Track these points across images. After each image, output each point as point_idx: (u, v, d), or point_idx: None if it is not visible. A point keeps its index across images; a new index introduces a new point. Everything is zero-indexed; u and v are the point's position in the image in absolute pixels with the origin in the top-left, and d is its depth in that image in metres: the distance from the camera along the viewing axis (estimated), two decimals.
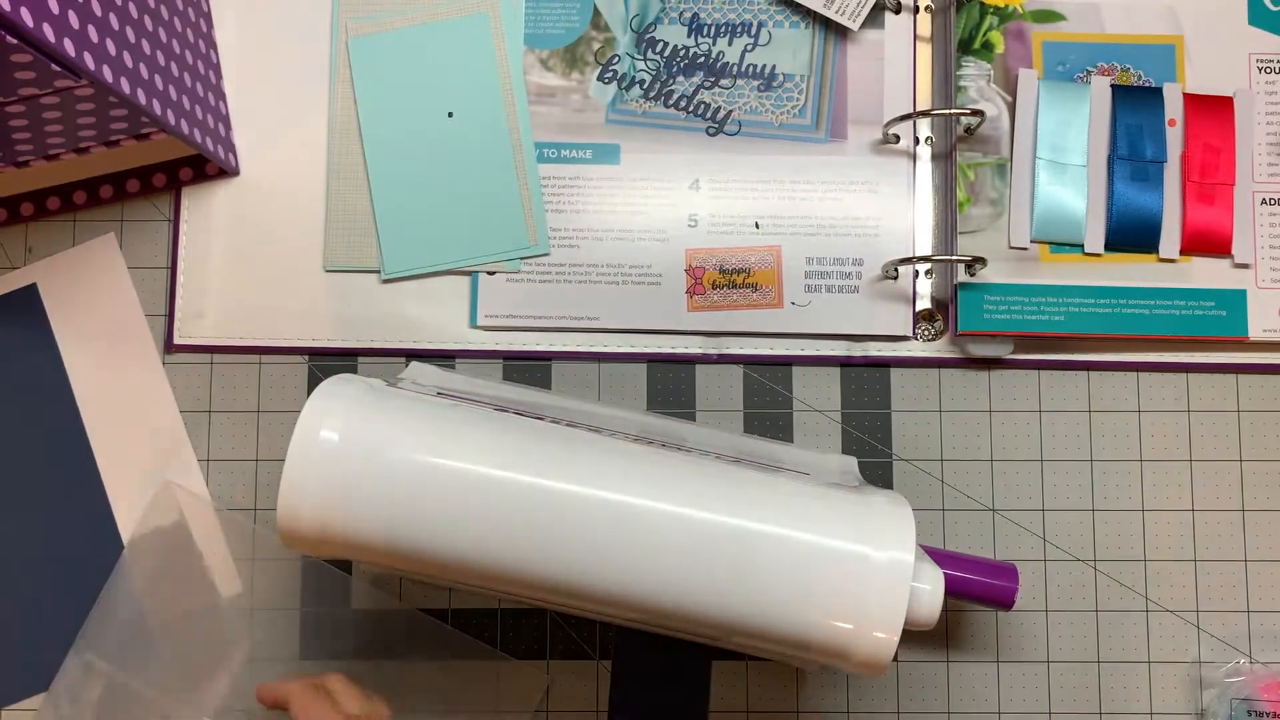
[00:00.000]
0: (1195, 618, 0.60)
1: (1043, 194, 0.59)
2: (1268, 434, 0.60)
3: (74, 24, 0.45)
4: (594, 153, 0.62)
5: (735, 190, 0.61)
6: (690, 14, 0.62)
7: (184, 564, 0.60)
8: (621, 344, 0.61)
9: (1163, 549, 0.60)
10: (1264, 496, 0.60)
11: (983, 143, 0.60)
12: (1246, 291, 0.59)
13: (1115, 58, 0.61)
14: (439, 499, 0.44)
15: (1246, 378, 0.61)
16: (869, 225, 0.61)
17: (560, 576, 0.44)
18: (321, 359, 0.61)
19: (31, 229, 0.62)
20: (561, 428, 0.48)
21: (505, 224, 0.61)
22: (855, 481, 0.52)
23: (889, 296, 0.60)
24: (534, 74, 0.62)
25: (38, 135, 0.53)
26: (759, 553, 0.44)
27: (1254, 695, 0.58)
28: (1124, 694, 0.59)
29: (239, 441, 0.61)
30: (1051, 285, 0.59)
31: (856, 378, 0.61)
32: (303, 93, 0.62)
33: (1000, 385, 0.61)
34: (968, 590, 0.54)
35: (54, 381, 0.61)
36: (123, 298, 0.62)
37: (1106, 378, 0.61)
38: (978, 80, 0.60)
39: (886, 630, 0.43)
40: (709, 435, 0.56)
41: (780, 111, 0.62)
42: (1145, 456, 0.60)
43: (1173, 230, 0.59)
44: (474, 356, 0.61)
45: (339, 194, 0.62)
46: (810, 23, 0.62)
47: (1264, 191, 0.60)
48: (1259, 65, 0.61)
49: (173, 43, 0.55)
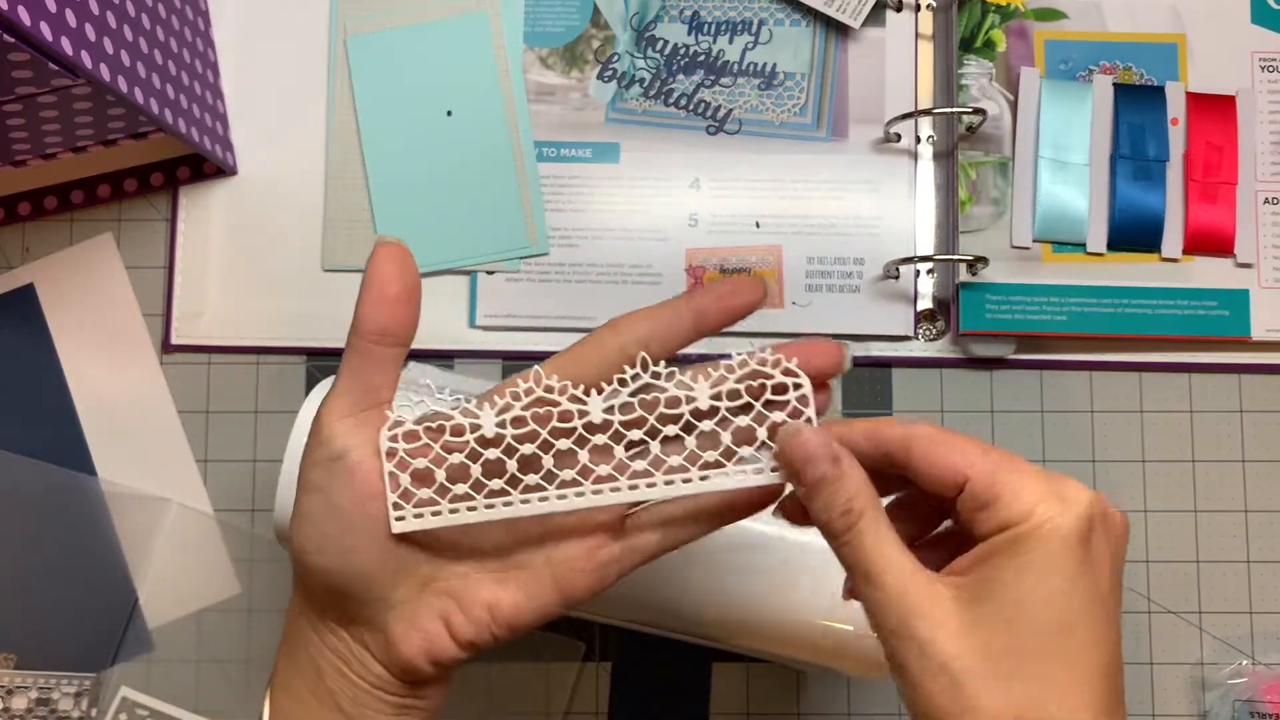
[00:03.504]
0: (1198, 619, 0.59)
1: (1045, 193, 0.59)
2: (1270, 434, 0.60)
3: (71, 22, 0.45)
4: (594, 152, 0.61)
5: (735, 189, 0.61)
6: (690, 12, 0.62)
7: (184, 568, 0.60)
8: None
9: (1165, 550, 0.60)
10: (1267, 497, 0.60)
11: (984, 141, 0.60)
12: (1249, 291, 0.59)
13: (1117, 56, 0.60)
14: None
15: (1249, 378, 0.60)
16: (870, 224, 0.61)
17: None
18: (320, 359, 0.61)
19: (28, 229, 0.62)
20: None
21: (504, 223, 0.61)
22: None
23: (890, 296, 0.60)
24: (533, 72, 0.62)
25: (35, 134, 0.53)
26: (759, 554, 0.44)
27: (1257, 696, 0.58)
28: (1126, 695, 0.59)
29: (237, 442, 0.60)
30: (1053, 285, 0.59)
31: (857, 378, 0.61)
32: (301, 92, 0.62)
33: (1002, 385, 0.61)
34: None
35: (51, 381, 0.61)
36: (120, 297, 0.61)
37: (1109, 378, 0.60)
38: (979, 79, 0.60)
39: None
40: None
41: (781, 110, 0.61)
42: (1147, 457, 0.60)
43: (1175, 230, 0.59)
44: (473, 356, 0.61)
45: (337, 193, 0.61)
46: (811, 21, 0.62)
47: (1267, 191, 0.60)
48: (1262, 64, 0.60)
49: (171, 41, 0.55)
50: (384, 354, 0.34)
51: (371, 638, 0.35)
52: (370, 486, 0.34)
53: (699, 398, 0.34)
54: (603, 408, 0.34)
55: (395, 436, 0.34)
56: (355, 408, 0.34)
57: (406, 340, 0.35)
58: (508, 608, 0.35)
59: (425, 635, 0.35)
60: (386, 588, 0.35)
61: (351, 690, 0.35)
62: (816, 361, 0.34)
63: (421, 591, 0.35)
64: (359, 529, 0.34)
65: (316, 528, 0.34)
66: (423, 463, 0.34)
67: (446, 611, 0.35)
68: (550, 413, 0.34)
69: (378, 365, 0.34)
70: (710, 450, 0.34)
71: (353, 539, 0.34)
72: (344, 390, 0.34)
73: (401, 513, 0.34)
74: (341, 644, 0.36)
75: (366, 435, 0.34)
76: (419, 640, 0.35)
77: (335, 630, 0.36)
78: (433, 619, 0.35)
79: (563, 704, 0.59)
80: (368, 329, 0.34)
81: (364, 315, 0.34)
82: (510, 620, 0.35)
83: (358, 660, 0.35)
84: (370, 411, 0.34)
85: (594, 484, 0.34)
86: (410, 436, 0.34)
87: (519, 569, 0.36)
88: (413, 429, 0.34)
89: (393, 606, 0.35)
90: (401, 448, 0.34)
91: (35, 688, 0.58)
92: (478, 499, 0.34)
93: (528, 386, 0.34)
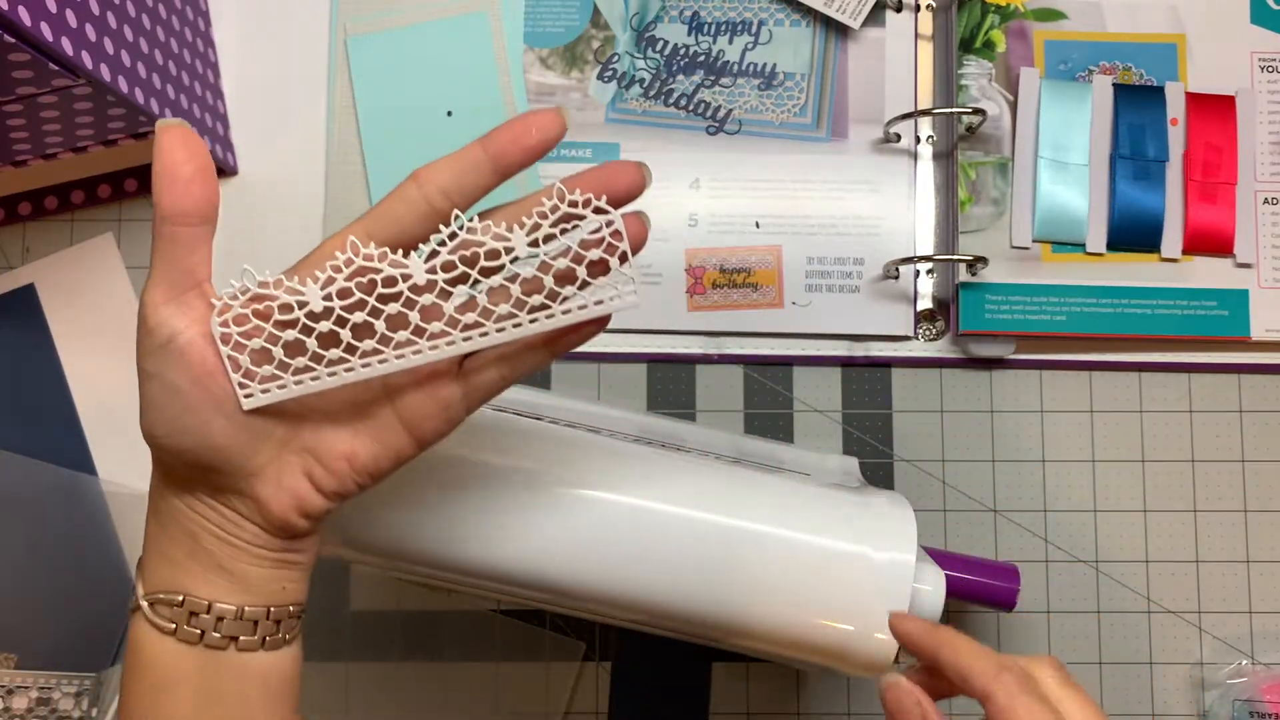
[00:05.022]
0: (1197, 619, 0.59)
1: (1044, 193, 0.59)
2: (1270, 434, 0.60)
3: (72, 23, 0.45)
4: (594, 152, 0.61)
5: (735, 189, 0.61)
6: (690, 12, 0.62)
7: None
8: (621, 344, 0.61)
9: (1165, 550, 0.60)
10: (1266, 497, 0.60)
11: (984, 142, 0.60)
12: (1249, 291, 0.59)
13: (1117, 56, 0.60)
14: (437, 499, 0.44)
15: (1249, 378, 0.60)
16: (870, 224, 0.61)
17: (560, 577, 0.44)
18: None
19: (29, 229, 0.62)
20: (561, 428, 0.48)
21: None
22: (856, 482, 0.51)
23: (890, 296, 0.60)
24: (533, 73, 0.62)
25: (35, 134, 0.53)
26: (759, 554, 0.44)
27: (1256, 696, 0.58)
28: (1126, 695, 0.59)
29: None
30: (1053, 285, 0.59)
31: (857, 378, 0.61)
32: (301, 91, 0.62)
33: (1002, 385, 0.61)
34: (969, 591, 0.54)
35: (51, 381, 0.61)
36: (121, 297, 0.61)
37: (1108, 378, 0.60)
38: (979, 79, 0.60)
39: (887, 631, 0.43)
40: (709, 436, 0.56)
41: (781, 110, 0.61)
42: (1147, 457, 0.60)
43: (1175, 230, 0.59)
44: None
45: (337, 193, 0.61)
46: (811, 21, 0.62)
47: (1266, 191, 0.60)
48: (1261, 64, 0.60)
49: (171, 42, 0.55)
50: (190, 234, 0.35)
51: (241, 503, 0.37)
52: (206, 364, 0.35)
53: (517, 246, 0.35)
54: (425, 269, 0.35)
55: (226, 321, 0.35)
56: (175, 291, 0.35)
57: (210, 217, 0.36)
58: (365, 457, 0.37)
59: (292, 493, 0.36)
60: (245, 456, 0.36)
61: (230, 550, 0.37)
62: (619, 188, 0.36)
63: (281, 452, 0.36)
64: (203, 406, 0.35)
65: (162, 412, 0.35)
66: (258, 343, 0.35)
67: (308, 467, 0.37)
68: (374, 281, 0.34)
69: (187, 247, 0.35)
70: (535, 294, 0.35)
71: (198, 417, 0.35)
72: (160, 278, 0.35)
73: (249, 390, 0.35)
74: (214, 512, 0.37)
75: (192, 316, 0.35)
76: (287, 499, 0.36)
77: (204, 500, 0.37)
78: (296, 477, 0.37)
79: (563, 703, 0.59)
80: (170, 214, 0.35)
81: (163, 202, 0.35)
82: (369, 468, 0.37)
83: (232, 524, 0.37)
84: (190, 293, 0.35)
85: (429, 340, 0.35)
86: (240, 319, 0.35)
87: (369, 419, 0.37)
88: (241, 312, 0.35)
89: (255, 473, 0.36)
90: (235, 331, 0.35)
91: (35, 688, 0.58)
92: (319, 369, 0.35)
93: (347, 258, 0.34)
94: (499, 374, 0.37)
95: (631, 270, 0.36)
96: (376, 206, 0.36)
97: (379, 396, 0.37)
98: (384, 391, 0.37)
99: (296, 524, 0.37)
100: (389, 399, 0.37)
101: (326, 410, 0.37)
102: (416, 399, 0.37)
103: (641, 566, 0.44)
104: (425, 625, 0.59)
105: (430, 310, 0.35)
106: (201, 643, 0.37)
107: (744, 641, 0.46)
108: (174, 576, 0.37)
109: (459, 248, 0.35)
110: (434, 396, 0.37)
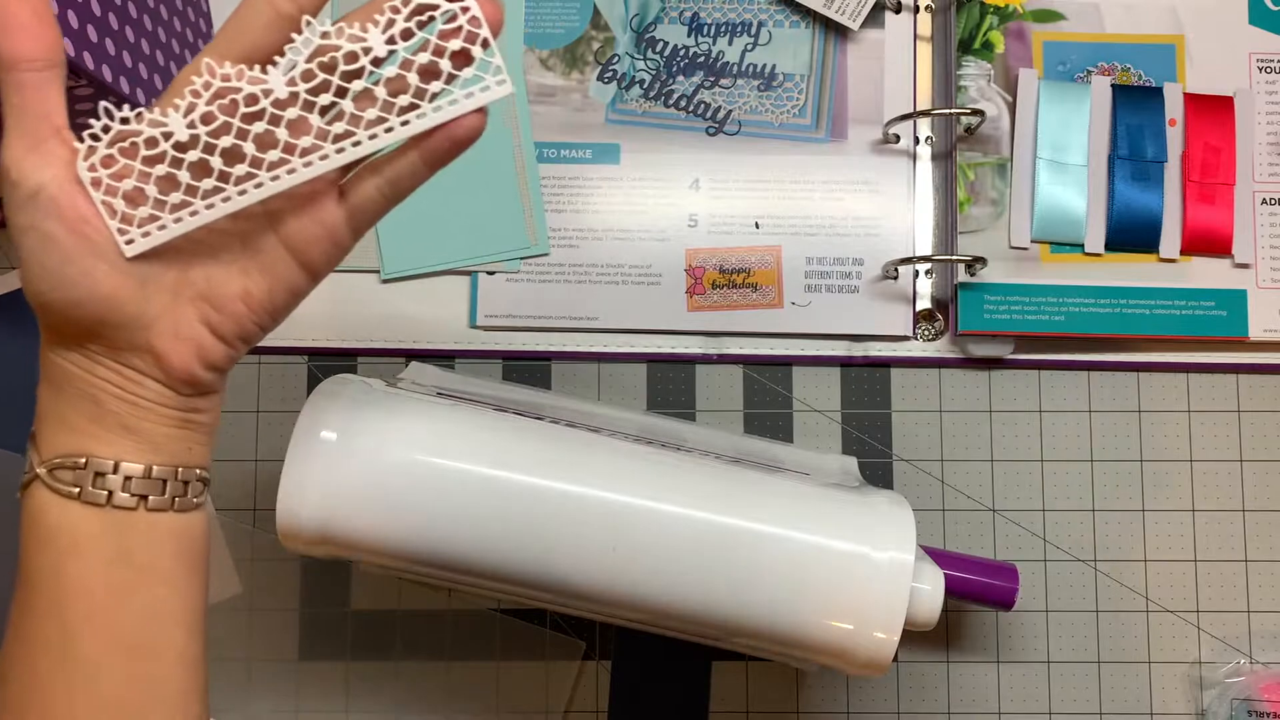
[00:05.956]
0: (1195, 618, 0.60)
1: (1043, 194, 0.59)
2: (1268, 434, 0.60)
3: (73, 24, 0.45)
4: (594, 152, 0.62)
5: (735, 190, 0.61)
6: (690, 13, 0.62)
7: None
8: (621, 344, 0.61)
9: (1163, 549, 0.60)
10: (1264, 496, 0.60)
11: (983, 142, 0.60)
12: (1247, 291, 0.59)
13: (1116, 57, 0.60)
14: (438, 499, 0.44)
15: (1247, 378, 0.60)
16: (869, 225, 0.61)
17: (560, 576, 0.44)
18: (321, 359, 0.61)
19: None
20: (561, 428, 0.48)
21: (505, 224, 0.61)
22: (855, 482, 0.51)
23: (889, 296, 0.60)
24: (534, 74, 0.62)
25: None
26: (759, 553, 0.44)
27: (1255, 695, 0.58)
28: (1124, 694, 0.59)
29: (238, 442, 0.61)
30: (1052, 285, 0.59)
31: (856, 378, 0.61)
32: None
33: (1000, 385, 0.61)
34: (968, 590, 0.54)
35: None
36: None
37: (1107, 378, 0.61)
38: (978, 80, 0.60)
39: (887, 630, 0.43)
40: (709, 435, 0.56)
41: (780, 111, 0.62)
42: (1146, 456, 0.60)
43: (1173, 230, 0.59)
44: (474, 356, 0.61)
45: None
46: (810, 22, 0.62)
47: (1264, 191, 0.60)
48: (1259, 65, 0.61)
49: (172, 43, 0.55)
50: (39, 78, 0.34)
51: (140, 359, 0.36)
52: (79, 210, 0.34)
53: (374, 46, 0.34)
54: (284, 80, 0.34)
55: (93, 165, 0.34)
56: (34, 141, 0.34)
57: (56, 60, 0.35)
58: (259, 295, 0.37)
59: (192, 343, 0.36)
60: (137, 304, 0.35)
61: (133, 410, 0.36)
62: None
63: (175, 302, 0.36)
64: (83, 255, 0.34)
65: (42, 265, 0.34)
66: (129, 184, 0.34)
67: (204, 314, 0.36)
68: (235, 101, 0.34)
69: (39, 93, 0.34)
70: (402, 95, 0.35)
71: (79, 266, 0.34)
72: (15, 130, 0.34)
73: (129, 235, 0.34)
74: (113, 372, 0.36)
75: (57, 165, 0.34)
76: (187, 349, 0.36)
77: (101, 360, 0.36)
78: (193, 326, 0.36)
79: (562, 702, 0.59)
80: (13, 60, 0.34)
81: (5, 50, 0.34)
82: (265, 305, 0.37)
83: (134, 383, 0.36)
84: (50, 140, 0.34)
85: (301, 158, 0.35)
86: (107, 161, 0.34)
87: (258, 254, 0.37)
88: (107, 153, 0.34)
89: (149, 325, 0.36)
90: (104, 174, 0.34)
91: None
92: (196, 203, 0.35)
93: (204, 81, 0.34)
94: (376, 189, 0.37)
95: (497, 59, 0.35)
96: (225, 24, 0.35)
97: (263, 227, 0.36)
98: (268, 221, 0.36)
99: (200, 375, 0.37)
100: (273, 229, 0.36)
101: (214, 251, 0.36)
102: (300, 224, 0.36)
103: (641, 566, 0.44)
104: (425, 625, 0.60)
105: (298, 125, 0.34)
106: (110, 503, 0.36)
107: (743, 640, 0.46)
108: (75, 441, 0.37)
109: (315, 55, 0.34)
110: (317, 220, 0.36)
